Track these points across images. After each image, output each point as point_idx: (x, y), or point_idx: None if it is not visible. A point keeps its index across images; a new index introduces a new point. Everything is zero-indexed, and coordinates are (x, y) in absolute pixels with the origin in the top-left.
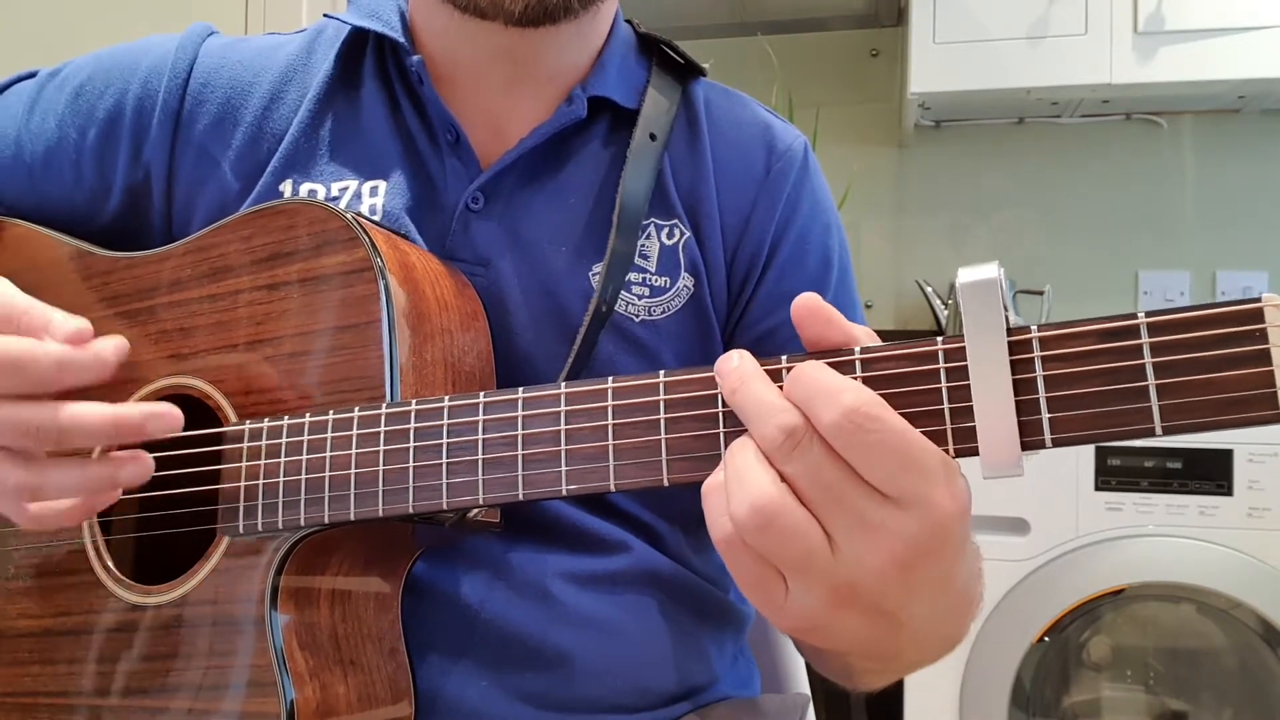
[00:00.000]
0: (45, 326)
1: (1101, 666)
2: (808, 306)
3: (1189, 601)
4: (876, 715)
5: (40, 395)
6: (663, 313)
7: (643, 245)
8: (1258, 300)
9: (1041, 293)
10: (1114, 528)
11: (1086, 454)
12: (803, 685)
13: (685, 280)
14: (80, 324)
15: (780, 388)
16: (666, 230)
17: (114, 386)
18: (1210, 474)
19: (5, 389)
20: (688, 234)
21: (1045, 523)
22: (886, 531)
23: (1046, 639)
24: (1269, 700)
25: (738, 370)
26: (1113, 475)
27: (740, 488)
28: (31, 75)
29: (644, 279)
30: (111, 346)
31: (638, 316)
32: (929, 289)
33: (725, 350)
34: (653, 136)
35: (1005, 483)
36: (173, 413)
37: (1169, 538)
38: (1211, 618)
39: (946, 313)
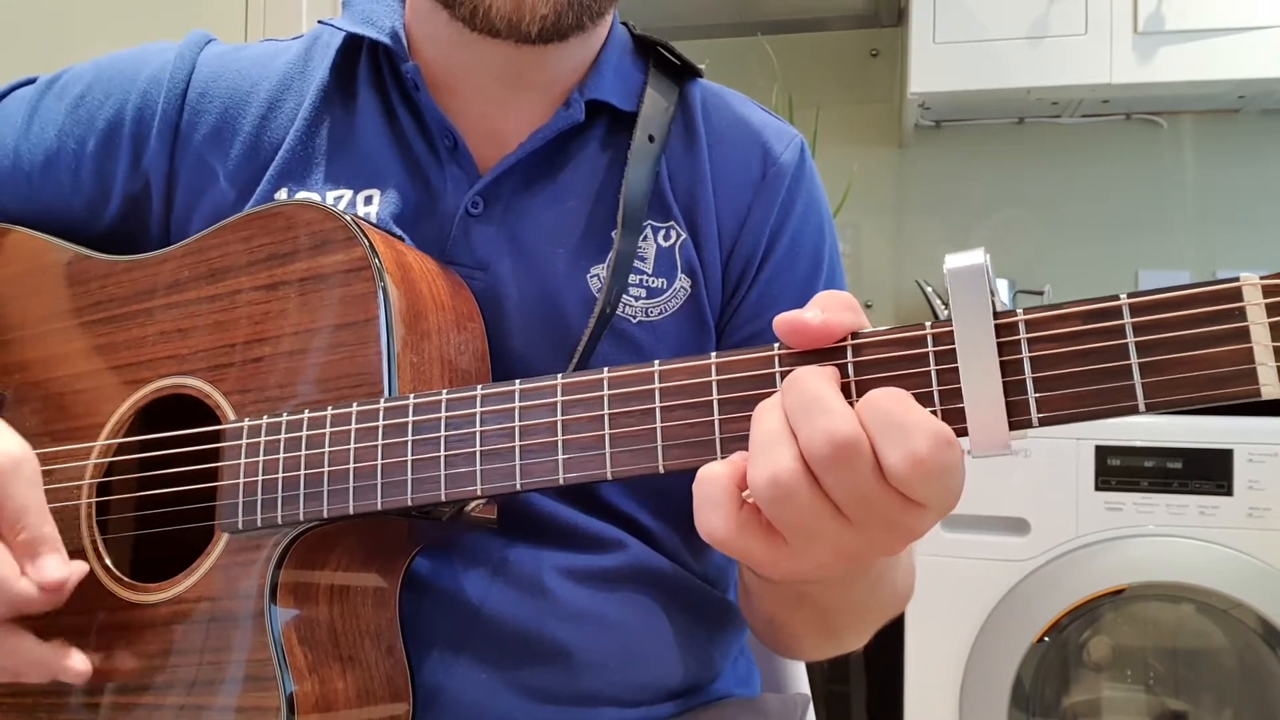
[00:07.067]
0: (34, 554)
1: (1101, 666)
2: (789, 326)
3: (1189, 601)
4: (876, 715)
5: None
6: (660, 314)
7: (640, 247)
8: (1236, 280)
9: (1041, 293)
10: (1114, 528)
11: (1086, 454)
12: (803, 685)
13: (682, 282)
14: (63, 575)
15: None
16: (663, 232)
17: (112, 389)
18: (1210, 474)
19: None
20: (684, 236)
21: (1045, 523)
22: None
23: (1046, 639)
24: (1269, 700)
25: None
26: (1113, 475)
27: (765, 455)
28: (30, 82)
29: (641, 280)
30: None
31: (635, 318)
32: (929, 289)
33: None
34: (651, 138)
35: (1005, 483)
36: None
37: (1169, 538)
38: (1211, 618)
39: (947, 313)
